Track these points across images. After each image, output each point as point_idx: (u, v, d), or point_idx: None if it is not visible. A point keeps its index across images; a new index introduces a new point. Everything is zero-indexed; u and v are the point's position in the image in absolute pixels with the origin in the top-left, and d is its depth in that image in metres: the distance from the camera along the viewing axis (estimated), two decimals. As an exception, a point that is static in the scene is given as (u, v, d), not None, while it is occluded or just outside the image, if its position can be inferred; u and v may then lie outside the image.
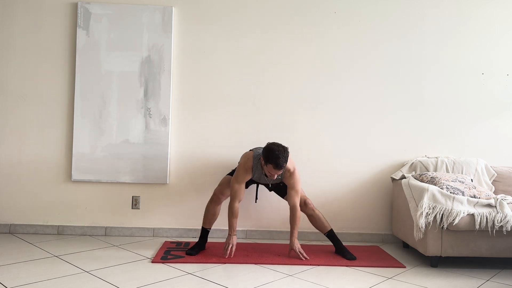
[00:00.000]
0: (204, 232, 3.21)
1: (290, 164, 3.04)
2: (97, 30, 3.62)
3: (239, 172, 3.06)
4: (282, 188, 3.28)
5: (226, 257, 3.00)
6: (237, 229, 3.67)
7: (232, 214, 3.03)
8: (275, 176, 2.97)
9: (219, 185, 3.24)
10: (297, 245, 3.06)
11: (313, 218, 3.24)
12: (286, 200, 3.17)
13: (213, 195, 3.23)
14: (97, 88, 3.62)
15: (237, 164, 3.28)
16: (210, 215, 3.21)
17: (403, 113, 3.76)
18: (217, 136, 3.71)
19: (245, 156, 3.11)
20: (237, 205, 3.04)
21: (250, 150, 3.19)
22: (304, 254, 3.04)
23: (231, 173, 3.25)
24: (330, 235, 3.23)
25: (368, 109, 3.75)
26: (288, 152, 2.92)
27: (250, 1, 3.73)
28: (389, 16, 3.76)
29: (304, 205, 3.22)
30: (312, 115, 3.74)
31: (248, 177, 3.07)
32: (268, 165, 2.89)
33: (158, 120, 3.64)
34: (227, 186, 3.20)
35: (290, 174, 3.05)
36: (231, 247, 3.01)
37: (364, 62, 3.76)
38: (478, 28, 3.79)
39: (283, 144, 3.68)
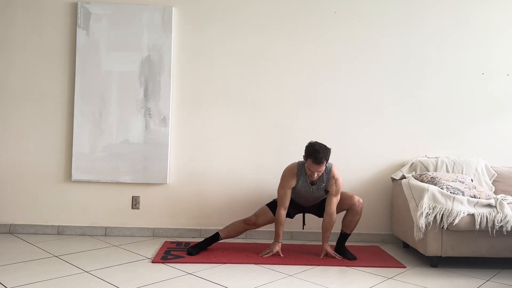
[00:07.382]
0: (216, 237, 3.21)
1: (337, 172, 3.11)
2: (97, 30, 3.62)
3: (284, 178, 3.12)
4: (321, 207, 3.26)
5: (261, 256, 3.07)
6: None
7: (278, 221, 3.09)
8: (315, 175, 2.99)
9: (255, 214, 3.25)
10: (330, 248, 3.14)
11: (350, 216, 3.16)
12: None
13: (249, 218, 3.25)
14: (97, 88, 3.62)
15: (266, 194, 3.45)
16: (232, 230, 3.24)
17: (403, 113, 3.76)
18: (217, 136, 3.71)
19: (290, 164, 3.19)
20: (283, 212, 3.09)
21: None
22: (338, 255, 3.12)
23: (269, 204, 3.27)
24: (343, 235, 3.20)
25: (368, 109, 3.75)
26: (330, 151, 2.99)
27: (250, 1, 3.73)
28: (389, 16, 3.76)
29: (358, 202, 3.13)
30: (312, 115, 3.73)
31: (293, 183, 3.11)
32: (308, 160, 2.96)
33: (158, 120, 3.64)
34: (262, 216, 3.22)
35: (335, 181, 3.09)
36: (271, 254, 3.09)
37: (364, 62, 3.75)
38: (478, 28, 3.79)
39: (284, 143, 3.71)
